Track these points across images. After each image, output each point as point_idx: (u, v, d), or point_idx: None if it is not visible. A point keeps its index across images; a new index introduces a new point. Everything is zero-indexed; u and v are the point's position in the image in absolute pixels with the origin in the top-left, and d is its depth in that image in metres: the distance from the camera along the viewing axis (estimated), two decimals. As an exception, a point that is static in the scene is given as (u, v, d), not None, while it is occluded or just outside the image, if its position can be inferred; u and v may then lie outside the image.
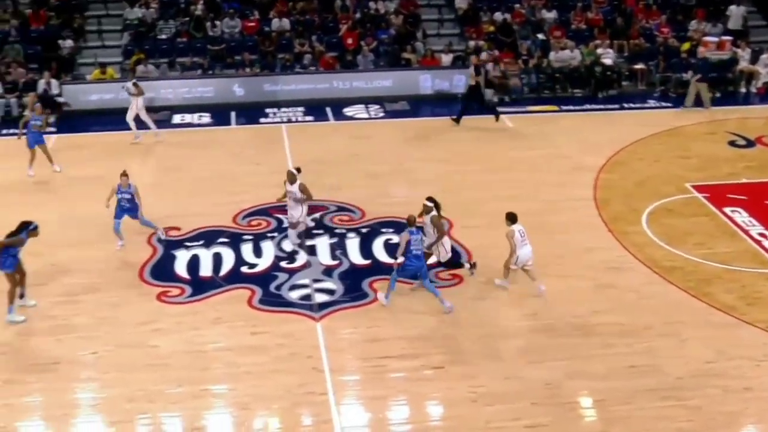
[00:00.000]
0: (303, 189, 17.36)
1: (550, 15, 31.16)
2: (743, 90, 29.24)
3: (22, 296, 15.83)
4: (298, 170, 17.66)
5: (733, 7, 31.60)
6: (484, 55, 28.63)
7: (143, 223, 17.99)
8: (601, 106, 27.71)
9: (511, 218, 16.06)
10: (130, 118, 23.93)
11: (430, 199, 16.16)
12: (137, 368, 14.06)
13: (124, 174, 17.78)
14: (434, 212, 16.07)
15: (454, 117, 25.39)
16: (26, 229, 15.46)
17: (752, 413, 13.02)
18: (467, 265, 16.74)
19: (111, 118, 25.76)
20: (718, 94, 28.19)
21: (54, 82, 26.71)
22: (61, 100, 26.45)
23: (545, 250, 17.59)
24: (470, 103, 25.49)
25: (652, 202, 19.89)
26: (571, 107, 27.57)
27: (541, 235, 18.15)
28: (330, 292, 16.27)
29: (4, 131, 25.41)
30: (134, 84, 24.06)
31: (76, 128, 25.36)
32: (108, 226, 18.15)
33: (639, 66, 29.40)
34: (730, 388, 13.40)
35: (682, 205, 19.97)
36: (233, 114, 26.21)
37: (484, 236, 17.98)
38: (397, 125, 25.55)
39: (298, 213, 17.54)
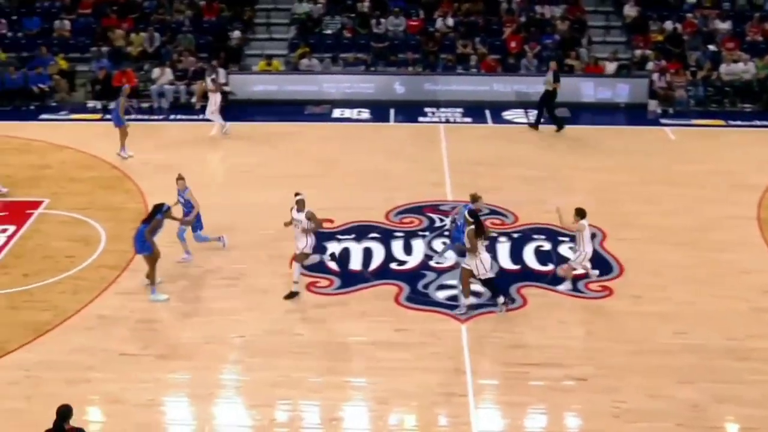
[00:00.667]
0: (311, 217, 15.85)
1: (724, 26, 30.08)
2: None
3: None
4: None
5: None
6: (650, 65, 28.02)
7: (198, 238, 17.43)
8: (773, 122, 26.60)
9: (581, 213, 16.00)
10: (209, 113, 24.66)
11: (471, 214, 15.41)
12: (282, 355, 14.41)
13: (180, 177, 17.17)
14: (470, 228, 15.16)
15: (532, 123, 25.44)
16: (160, 211, 16.13)
17: None
18: (501, 300, 15.68)
19: (273, 109, 26.51)
20: None
21: (221, 71, 27.56)
22: (227, 89, 27.27)
23: (701, 268, 17.17)
24: (546, 107, 25.34)
25: (821, 225, 19.00)
26: (740, 122, 26.53)
27: (697, 252, 17.76)
28: (477, 294, 16.21)
29: (172, 117, 26.44)
30: (212, 80, 24.77)
31: (240, 117, 26.10)
32: (262, 214, 18.77)
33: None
34: None
35: None
36: (392, 111, 26.45)
37: (638, 250, 17.63)
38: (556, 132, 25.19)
39: (302, 244, 16.04)
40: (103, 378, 13.87)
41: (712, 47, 29.29)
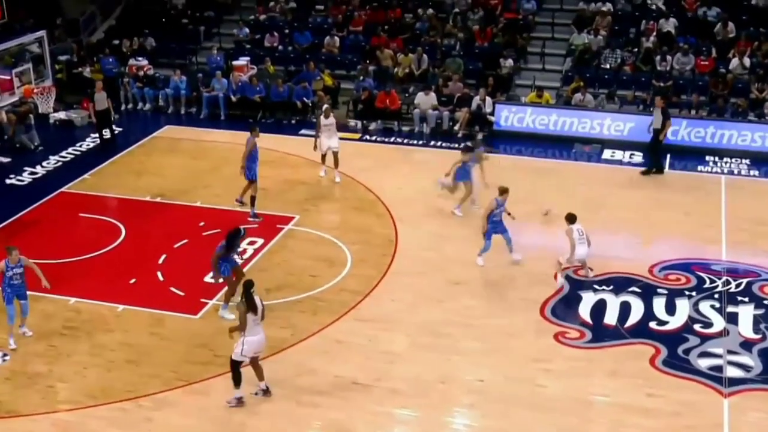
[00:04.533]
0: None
1: None
2: None
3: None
4: None
5: None
6: None
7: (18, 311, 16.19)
8: None
9: (570, 219, 18.05)
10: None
11: (245, 286, 14.27)
12: (521, 405, 14.35)
13: (13, 249, 15.99)
14: (240, 302, 14.15)
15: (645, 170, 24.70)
16: (237, 236, 16.82)
17: None
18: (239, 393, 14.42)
19: (540, 143, 26.53)
20: None
21: (488, 99, 27.86)
22: (491, 119, 27.54)
23: None
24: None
25: None
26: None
27: None
28: (746, 368, 15.48)
29: (432, 143, 26.96)
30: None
31: (504, 149, 26.24)
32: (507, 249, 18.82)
33: None
34: None
35: None
36: (668, 156, 25.73)
37: None
38: None
39: None
40: (332, 404, 14.33)
41: None
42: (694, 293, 17.90)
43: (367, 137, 27.43)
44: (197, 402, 14.51)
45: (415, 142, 27.19)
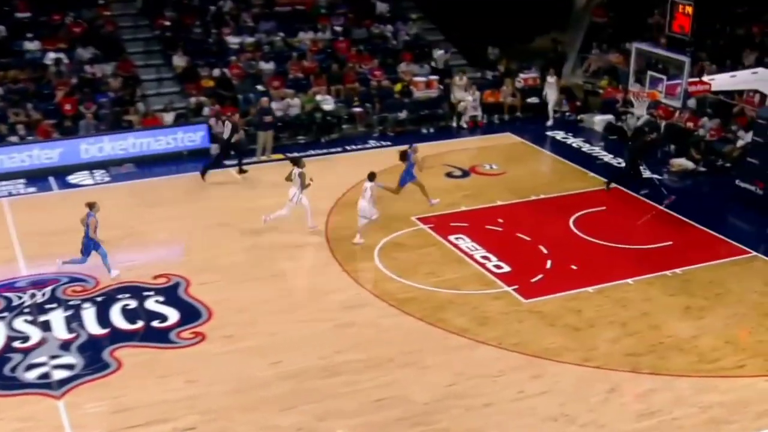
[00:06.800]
0: None
1: (268, 66, 31.28)
2: (453, 124, 30.56)
3: None
4: None
5: (437, 50, 33.24)
6: (206, 111, 28.47)
7: None
8: (325, 151, 28.03)
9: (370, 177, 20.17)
10: None
11: None
12: None
13: None
14: None
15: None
16: None
17: (494, 425, 13.57)
18: None
19: None
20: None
21: None
22: None
23: (284, 297, 17.75)
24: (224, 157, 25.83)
25: (382, 237, 20.34)
26: (296, 154, 27.56)
27: (278, 283, 18.39)
28: (69, 366, 15.40)
29: None
30: None
31: None
32: None
33: (357, 109, 30.02)
34: (472, 405, 13.91)
35: (410, 237, 20.59)
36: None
37: (223, 291, 17.89)
38: (125, 189, 24.60)
39: None
40: None
41: (260, 87, 30.29)
42: (6, 314, 17.27)
43: None
44: None
45: None
